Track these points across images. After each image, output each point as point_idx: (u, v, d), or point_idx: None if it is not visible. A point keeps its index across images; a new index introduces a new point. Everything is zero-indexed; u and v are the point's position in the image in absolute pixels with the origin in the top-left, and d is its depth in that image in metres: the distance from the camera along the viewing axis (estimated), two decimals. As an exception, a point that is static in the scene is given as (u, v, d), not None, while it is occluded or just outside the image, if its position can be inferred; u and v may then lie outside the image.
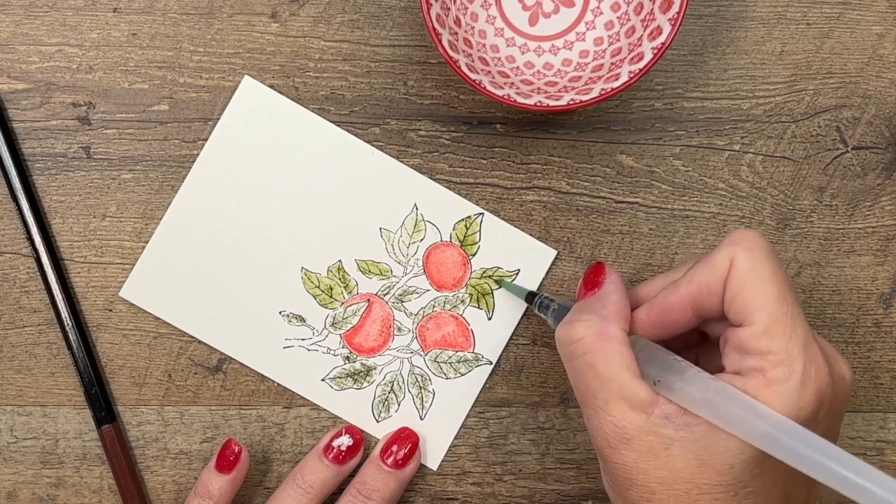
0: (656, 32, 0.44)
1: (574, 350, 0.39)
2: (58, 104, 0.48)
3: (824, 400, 0.35)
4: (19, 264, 0.48)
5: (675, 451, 0.36)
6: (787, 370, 0.34)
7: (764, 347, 0.35)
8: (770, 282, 0.36)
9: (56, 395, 0.49)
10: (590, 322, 0.39)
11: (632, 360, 0.37)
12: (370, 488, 0.47)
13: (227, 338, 0.49)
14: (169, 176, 0.49)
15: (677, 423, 0.36)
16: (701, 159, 0.49)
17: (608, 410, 0.37)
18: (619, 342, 0.38)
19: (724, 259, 0.37)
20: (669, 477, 0.36)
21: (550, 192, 0.49)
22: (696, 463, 0.35)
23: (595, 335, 0.38)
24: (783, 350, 0.35)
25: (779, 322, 0.35)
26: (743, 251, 0.36)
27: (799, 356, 0.35)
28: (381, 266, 0.49)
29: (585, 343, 0.38)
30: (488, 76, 0.45)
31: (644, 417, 0.36)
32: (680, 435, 0.36)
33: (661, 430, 0.36)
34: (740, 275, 0.36)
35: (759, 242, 0.37)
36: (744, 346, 0.36)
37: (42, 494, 0.49)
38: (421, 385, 0.49)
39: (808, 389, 0.34)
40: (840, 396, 0.37)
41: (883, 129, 0.49)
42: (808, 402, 0.34)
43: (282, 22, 0.48)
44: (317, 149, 0.49)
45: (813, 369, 0.35)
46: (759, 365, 0.35)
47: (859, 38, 0.49)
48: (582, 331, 0.38)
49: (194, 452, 0.49)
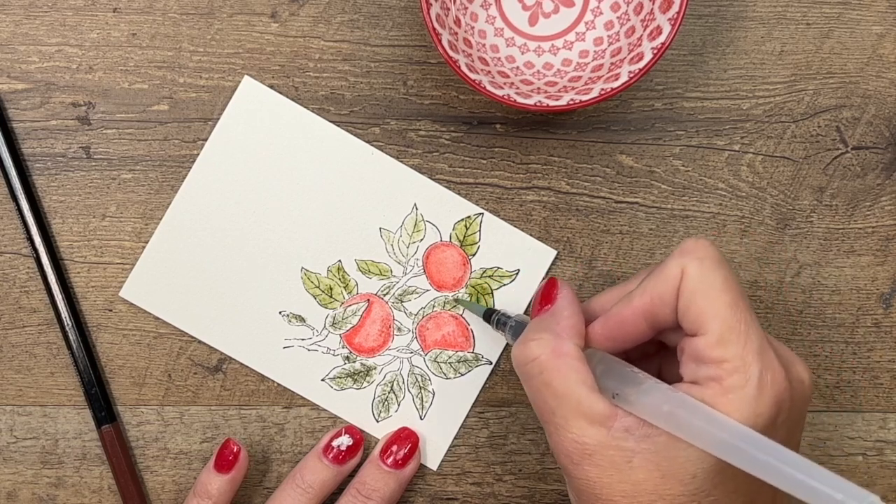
0: (656, 32, 0.44)
1: (530, 370, 0.39)
2: (58, 104, 0.48)
3: (782, 405, 0.35)
4: (19, 264, 0.48)
5: (637, 463, 0.36)
6: (743, 377, 0.34)
7: (719, 356, 0.35)
8: (721, 290, 0.36)
9: (56, 395, 0.49)
10: (543, 340, 0.39)
11: (588, 375, 0.37)
12: (370, 488, 0.47)
13: (227, 338, 0.49)
14: (169, 176, 0.49)
15: (637, 436, 0.36)
16: (701, 159, 0.49)
17: (568, 427, 0.37)
18: (573, 358, 0.38)
19: (675, 269, 0.37)
20: (633, 490, 0.36)
21: (550, 192, 0.49)
22: (659, 474, 0.35)
23: (549, 353, 0.38)
24: (738, 357, 0.35)
25: (732, 330, 0.35)
26: (693, 261, 0.36)
27: (754, 363, 0.34)
28: (381, 266, 0.49)
29: (540, 362, 0.38)
30: (488, 76, 0.45)
31: (604, 432, 0.36)
32: (641, 447, 0.35)
33: (621, 444, 0.36)
34: (691, 285, 0.36)
35: (709, 251, 0.37)
36: (699, 355, 0.35)
37: (42, 494, 0.49)
38: (421, 385, 0.49)
39: (764, 395, 0.34)
40: (799, 400, 0.37)
41: (883, 129, 0.49)
42: (766, 408, 0.34)
43: (282, 22, 0.48)
44: (317, 149, 0.49)
45: (769, 375, 0.35)
46: (715, 374, 0.35)
47: (859, 38, 0.49)
48: (536, 350, 0.38)
49: (194, 452, 0.49)
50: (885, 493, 0.50)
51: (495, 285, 0.49)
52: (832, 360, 0.50)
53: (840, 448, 0.50)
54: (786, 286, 0.49)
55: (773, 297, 0.49)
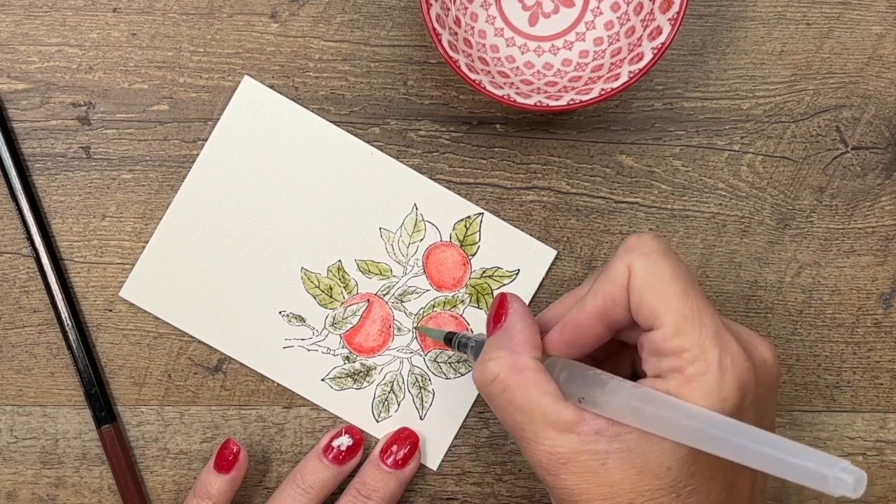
0: (656, 32, 0.44)
1: (492, 390, 0.39)
2: (58, 104, 0.48)
3: (747, 387, 0.35)
4: (19, 264, 0.48)
5: (612, 464, 0.36)
6: (703, 364, 0.34)
7: (677, 347, 0.35)
8: (670, 282, 0.36)
9: (56, 395, 0.49)
10: (500, 359, 0.39)
11: (550, 384, 0.37)
12: (370, 488, 0.47)
13: (227, 338, 0.49)
14: (169, 176, 0.49)
15: (608, 436, 0.36)
16: (701, 159, 0.49)
17: (538, 440, 0.37)
18: (532, 371, 0.38)
19: (621, 268, 0.37)
20: (611, 491, 0.36)
21: (550, 192, 0.49)
22: (634, 472, 0.35)
23: (508, 370, 0.38)
24: (696, 345, 0.35)
25: (686, 319, 0.35)
26: (638, 257, 0.36)
27: (712, 348, 0.35)
28: (381, 266, 0.49)
29: (501, 380, 0.38)
30: (488, 76, 0.45)
31: (574, 438, 0.36)
32: (613, 447, 0.36)
33: (593, 447, 0.36)
34: (640, 280, 0.36)
35: (653, 245, 0.37)
36: (658, 348, 0.36)
37: (42, 494, 0.49)
38: (421, 385, 0.49)
39: (727, 379, 0.34)
40: (765, 380, 0.37)
41: (883, 129, 0.49)
42: (731, 392, 0.34)
43: (282, 22, 0.48)
44: (317, 149, 0.49)
45: (728, 358, 0.35)
46: (675, 365, 0.35)
47: (859, 38, 0.49)
48: (495, 368, 0.38)
49: (194, 452, 0.49)
50: (886, 493, 0.50)
51: (495, 285, 0.49)
52: (832, 360, 0.50)
53: (840, 448, 0.50)
54: (786, 286, 0.49)
55: (773, 297, 0.49)
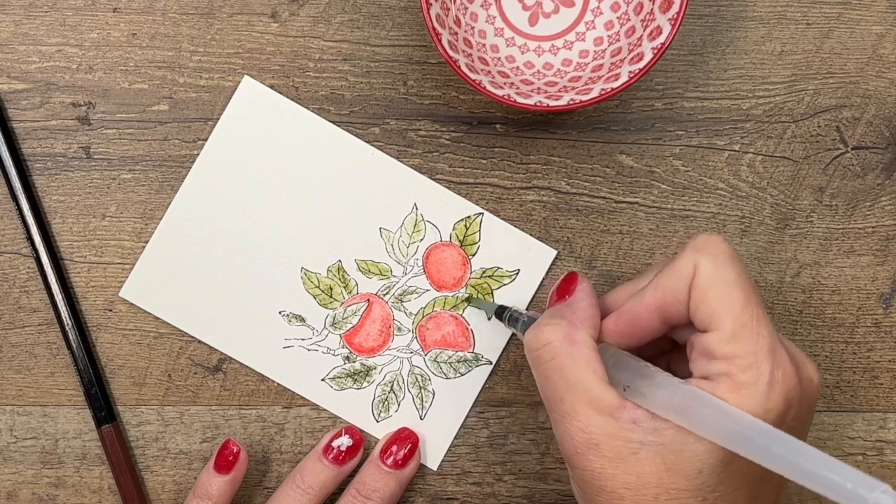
0: (656, 32, 0.44)
1: (542, 354, 0.38)
2: (58, 104, 0.48)
3: (792, 402, 0.35)
4: (19, 264, 0.48)
5: (643, 455, 0.35)
6: (754, 374, 0.34)
7: (731, 352, 0.35)
8: (735, 287, 0.36)
9: (56, 395, 0.49)
10: (558, 326, 0.39)
11: (599, 365, 0.37)
12: (370, 488, 0.47)
13: (227, 338, 0.49)
14: (169, 176, 0.49)
15: (646, 428, 0.36)
16: (701, 159, 0.49)
17: (575, 415, 0.37)
18: (586, 347, 0.38)
19: (687, 265, 0.37)
20: (637, 482, 0.36)
21: (550, 191, 0.49)
22: (665, 468, 0.35)
23: (563, 339, 0.38)
24: (750, 354, 0.35)
25: (745, 327, 0.35)
26: (706, 257, 0.36)
27: (766, 360, 0.35)
28: (381, 266, 0.49)
29: (553, 347, 0.38)
30: (488, 76, 0.45)
31: (611, 422, 0.36)
32: (648, 439, 0.35)
33: (628, 435, 0.36)
34: (704, 281, 0.36)
35: (722, 248, 0.37)
36: (711, 351, 0.36)
37: (42, 494, 0.49)
38: (421, 385, 0.49)
39: (775, 392, 0.34)
40: (808, 399, 0.37)
41: (883, 129, 0.49)
42: (776, 405, 0.34)
43: (282, 22, 0.48)
44: (317, 149, 0.49)
45: (780, 372, 0.35)
46: (726, 369, 0.35)
47: (859, 38, 0.49)
48: (550, 335, 0.38)
49: (194, 452, 0.49)
50: (885, 493, 0.50)
51: (495, 285, 0.49)
52: (832, 360, 0.50)
53: (840, 448, 0.50)
54: (786, 286, 0.49)
55: (773, 297, 0.49)
